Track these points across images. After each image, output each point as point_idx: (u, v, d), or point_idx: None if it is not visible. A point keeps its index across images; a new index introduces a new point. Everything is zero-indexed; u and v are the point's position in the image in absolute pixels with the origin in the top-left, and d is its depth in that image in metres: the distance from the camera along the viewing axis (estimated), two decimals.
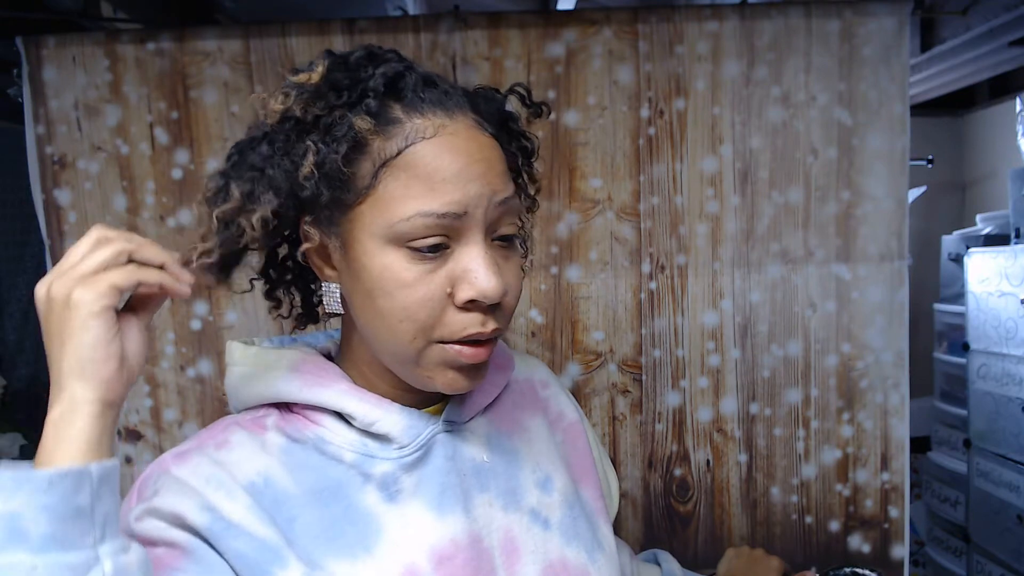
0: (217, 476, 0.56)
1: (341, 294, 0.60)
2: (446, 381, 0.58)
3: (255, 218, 0.54)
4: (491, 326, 0.57)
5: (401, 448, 0.59)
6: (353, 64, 0.56)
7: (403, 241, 0.54)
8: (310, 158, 0.53)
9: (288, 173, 0.54)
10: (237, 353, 0.65)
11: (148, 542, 0.54)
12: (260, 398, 0.62)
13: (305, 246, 0.59)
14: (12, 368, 2.40)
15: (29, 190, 1.46)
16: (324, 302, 0.62)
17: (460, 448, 0.62)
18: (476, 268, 0.54)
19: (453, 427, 0.63)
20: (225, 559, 0.53)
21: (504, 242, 0.58)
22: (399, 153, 0.53)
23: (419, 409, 0.63)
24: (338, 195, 0.54)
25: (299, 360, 0.63)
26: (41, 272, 1.57)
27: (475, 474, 0.62)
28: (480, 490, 0.62)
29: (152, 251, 0.52)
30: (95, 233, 0.53)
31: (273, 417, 0.61)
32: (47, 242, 1.47)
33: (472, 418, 0.66)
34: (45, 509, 0.42)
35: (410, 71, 0.56)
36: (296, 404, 0.62)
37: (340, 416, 0.61)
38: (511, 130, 0.63)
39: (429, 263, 0.54)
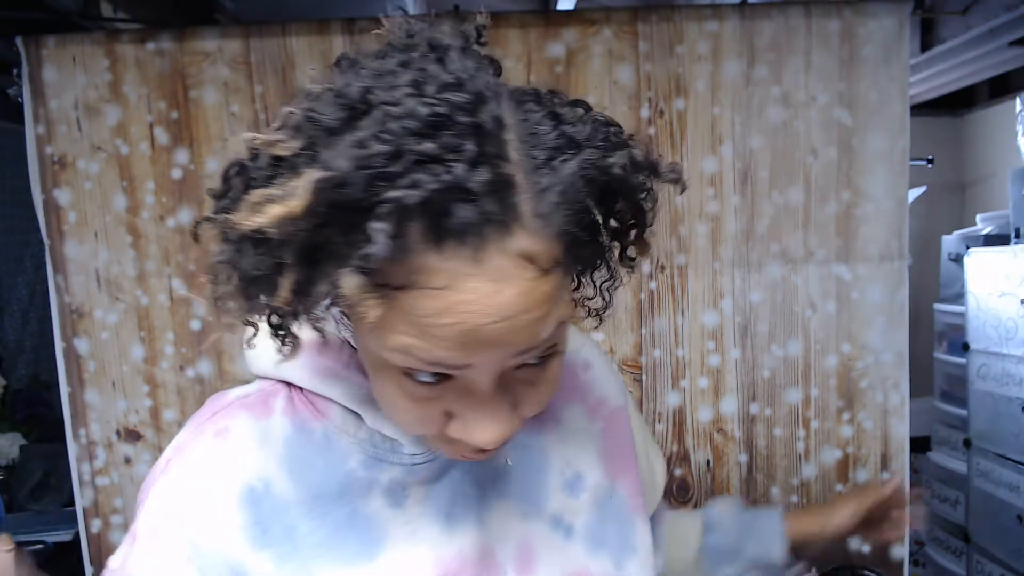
0: (208, 490, 0.51)
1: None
2: (453, 457, 0.52)
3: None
4: (499, 448, 0.49)
5: (413, 455, 0.54)
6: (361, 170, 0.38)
7: (394, 366, 0.45)
8: (285, 283, 0.40)
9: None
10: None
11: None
12: (272, 373, 0.56)
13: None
14: (12, 368, 2.40)
15: (29, 190, 1.46)
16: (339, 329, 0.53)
17: None
18: (473, 420, 0.46)
19: None
20: None
21: (536, 361, 0.46)
22: (399, 288, 0.40)
23: None
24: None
25: (319, 341, 0.54)
26: (41, 272, 1.56)
27: (494, 479, 0.57)
28: (498, 497, 0.57)
29: None
30: None
31: (282, 398, 0.56)
32: (47, 242, 1.46)
33: None
34: None
35: (447, 192, 0.37)
36: (306, 389, 0.56)
37: (352, 410, 0.55)
38: (615, 195, 0.46)
39: (426, 389, 0.46)
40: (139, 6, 1.80)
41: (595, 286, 0.53)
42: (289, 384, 0.56)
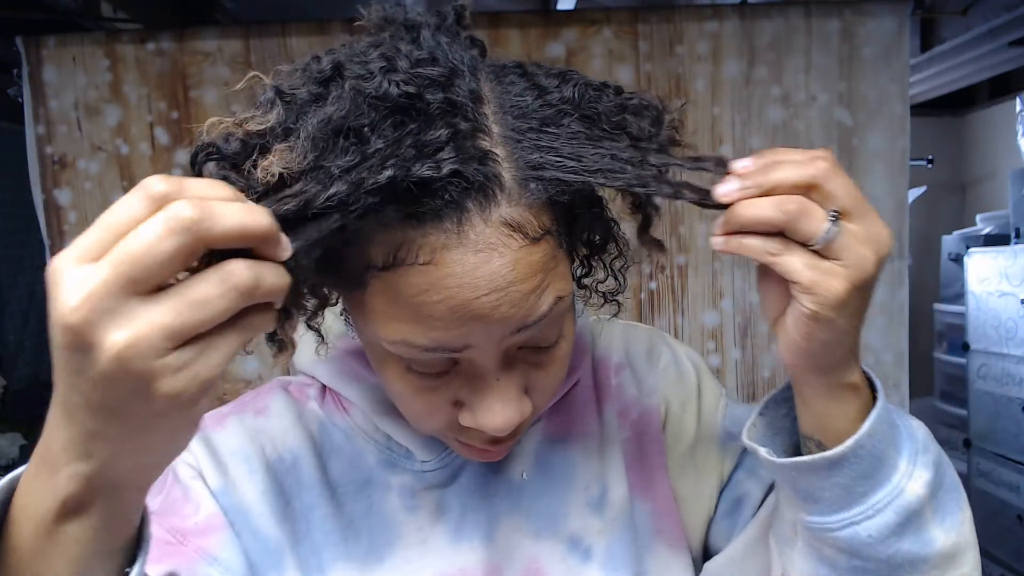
0: (244, 449, 0.53)
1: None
2: (469, 456, 0.51)
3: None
4: (508, 438, 0.48)
5: (424, 462, 0.54)
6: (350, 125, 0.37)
7: (396, 356, 0.44)
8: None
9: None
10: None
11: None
12: (308, 370, 0.57)
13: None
14: (12, 368, 2.40)
15: (29, 190, 1.46)
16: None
17: (495, 465, 0.55)
18: (481, 404, 0.44)
19: None
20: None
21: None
22: (384, 267, 0.39)
23: None
24: (328, 275, 0.43)
25: (354, 344, 0.55)
26: (41, 272, 1.57)
27: (507, 494, 0.54)
28: (510, 513, 0.54)
29: (273, 275, 0.34)
30: (179, 233, 0.31)
31: (315, 390, 0.57)
32: (47, 242, 1.46)
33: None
34: None
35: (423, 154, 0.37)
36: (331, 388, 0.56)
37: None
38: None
39: (429, 380, 0.44)
40: (139, 6, 1.80)
41: (605, 266, 0.51)
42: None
